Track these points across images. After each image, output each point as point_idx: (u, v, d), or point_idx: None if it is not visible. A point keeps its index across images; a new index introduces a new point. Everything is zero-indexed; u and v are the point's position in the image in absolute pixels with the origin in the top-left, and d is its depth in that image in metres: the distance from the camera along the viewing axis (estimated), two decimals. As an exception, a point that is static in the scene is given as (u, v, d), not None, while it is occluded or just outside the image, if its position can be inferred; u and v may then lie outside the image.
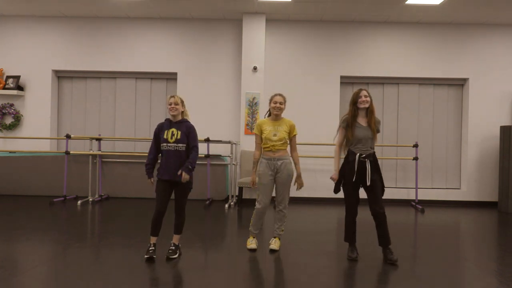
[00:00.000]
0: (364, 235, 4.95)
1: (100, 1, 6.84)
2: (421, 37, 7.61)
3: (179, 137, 3.84)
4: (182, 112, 3.97)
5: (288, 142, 4.24)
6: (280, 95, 4.24)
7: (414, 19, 7.40)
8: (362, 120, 3.95)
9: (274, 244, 4.24)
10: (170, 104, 3.86)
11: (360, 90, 3.95)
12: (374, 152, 3.95)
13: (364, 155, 3.87)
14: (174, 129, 3.87)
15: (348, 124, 3.93)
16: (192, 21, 7.72)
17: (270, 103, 4.24)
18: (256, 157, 4.26)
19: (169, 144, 3.84)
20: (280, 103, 4.18)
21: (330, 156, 7.16)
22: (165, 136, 3.85)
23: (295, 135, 4.25)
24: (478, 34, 7.59)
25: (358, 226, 4.21)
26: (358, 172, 3.87)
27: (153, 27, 7.73)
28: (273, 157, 4.15)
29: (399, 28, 7.62)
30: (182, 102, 3.94)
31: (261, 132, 4.20)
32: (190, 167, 3.79)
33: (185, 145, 3.86)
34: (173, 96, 3.89)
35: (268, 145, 4.15)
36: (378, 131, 3.97)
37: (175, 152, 3.83)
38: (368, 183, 3.84)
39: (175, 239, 3.94)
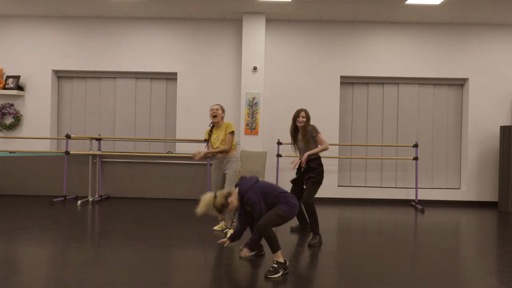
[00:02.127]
0: (364, 237, 4.94)
1: (100, 1, 6.85)
2: (421, 37, 7.61)
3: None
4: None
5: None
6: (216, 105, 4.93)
7: (414, 19, 7.40)
8: (300, 135, 4.81)
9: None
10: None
11: (300, 111, 4.76)
12: (313, 158, 4.74)
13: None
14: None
15: (292, 137, 4.92)
16: (192, 21, 7.72)
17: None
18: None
19: None
20: (216, 110, 4.86)
21: (329, 156, 7.17)
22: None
23: (231, 131, 4.85)
24: (478, 34, 7.59)
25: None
26: (298, 173, 4.94)
27: (153, 27, 7.73)
28: (220, 156, 4.89)
29: (399, 28, 7.62)
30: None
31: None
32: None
33: None
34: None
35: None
36: (314, 136, 4.74)
37: None
38: (304, 184, 4.87)
39: (275, 256, 3.64)
